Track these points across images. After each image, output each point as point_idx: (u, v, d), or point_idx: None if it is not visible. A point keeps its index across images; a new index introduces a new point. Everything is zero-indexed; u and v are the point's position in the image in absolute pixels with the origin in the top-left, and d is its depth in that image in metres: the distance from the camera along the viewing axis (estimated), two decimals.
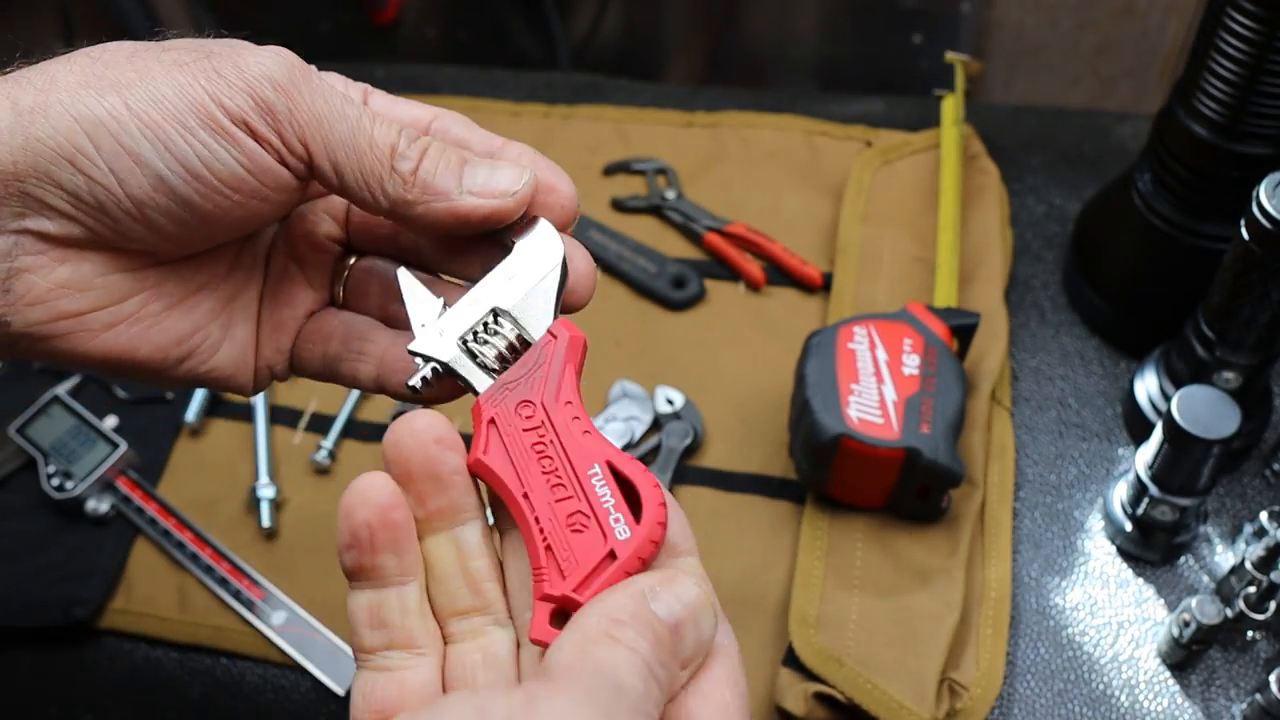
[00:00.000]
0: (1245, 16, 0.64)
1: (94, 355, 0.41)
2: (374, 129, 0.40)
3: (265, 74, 0.39)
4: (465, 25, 1.54)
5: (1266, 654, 0.69)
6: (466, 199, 0.41)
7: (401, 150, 0.40)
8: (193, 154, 0.38)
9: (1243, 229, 0.64)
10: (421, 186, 0.40)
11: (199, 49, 0.40)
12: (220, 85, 0.38)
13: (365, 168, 0.40)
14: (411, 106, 0.45)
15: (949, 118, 0.91)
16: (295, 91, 0.39)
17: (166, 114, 0.38)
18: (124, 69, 0.38)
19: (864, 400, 0.70)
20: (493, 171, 0.42)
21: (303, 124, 0.39)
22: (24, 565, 0.78)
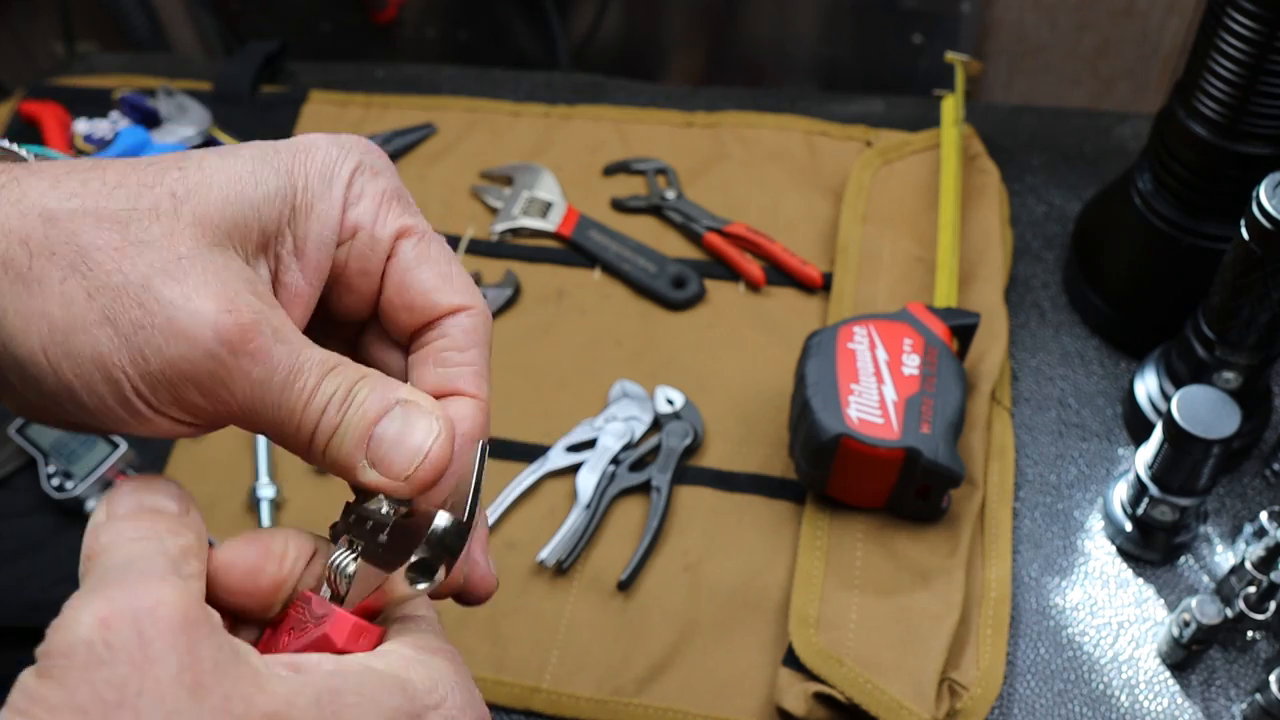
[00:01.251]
0: (1245, 16, 0.64)
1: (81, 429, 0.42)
2: (304, 414, 0.36)
3: (191, 370, 0.34)
4: (465, 25, 1.54)
5: (1266, 654, 0.69)
6: (369, 474, 0.37)
7: (323, 427, 0.37)
8: (109, 422, 0.35)
9: (1243, 229, 0.64)
10: (331, 461, 0.37)
11: (137, 293, 0.34)
12: (140, 372, 0.34)
13: (287, 441, 0.37)
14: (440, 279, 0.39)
15: (949, 118, 0.91)
16: (225, 386, 0.35)
17: (81, 381, 0.34)
18: (51, 292, 0.33)
19: (864, 400, 0.70)
20: (400, 435, 0.37)
21: (228, 413, 0.36)
22: (24, 565, 0.78)
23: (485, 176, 0.98)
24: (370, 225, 0.39)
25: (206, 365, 0.34)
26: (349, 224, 0.38)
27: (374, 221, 0.39)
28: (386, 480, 0.37)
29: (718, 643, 0.71)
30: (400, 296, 0.39)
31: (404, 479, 0.37)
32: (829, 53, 1.45)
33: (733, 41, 1.49)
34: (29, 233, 0.34)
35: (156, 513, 0.36)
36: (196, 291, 0.34)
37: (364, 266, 0.39)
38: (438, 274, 0.39)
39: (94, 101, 1.05)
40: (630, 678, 0.70)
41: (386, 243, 0.39)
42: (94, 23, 1.54)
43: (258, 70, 1.06)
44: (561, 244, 0.93)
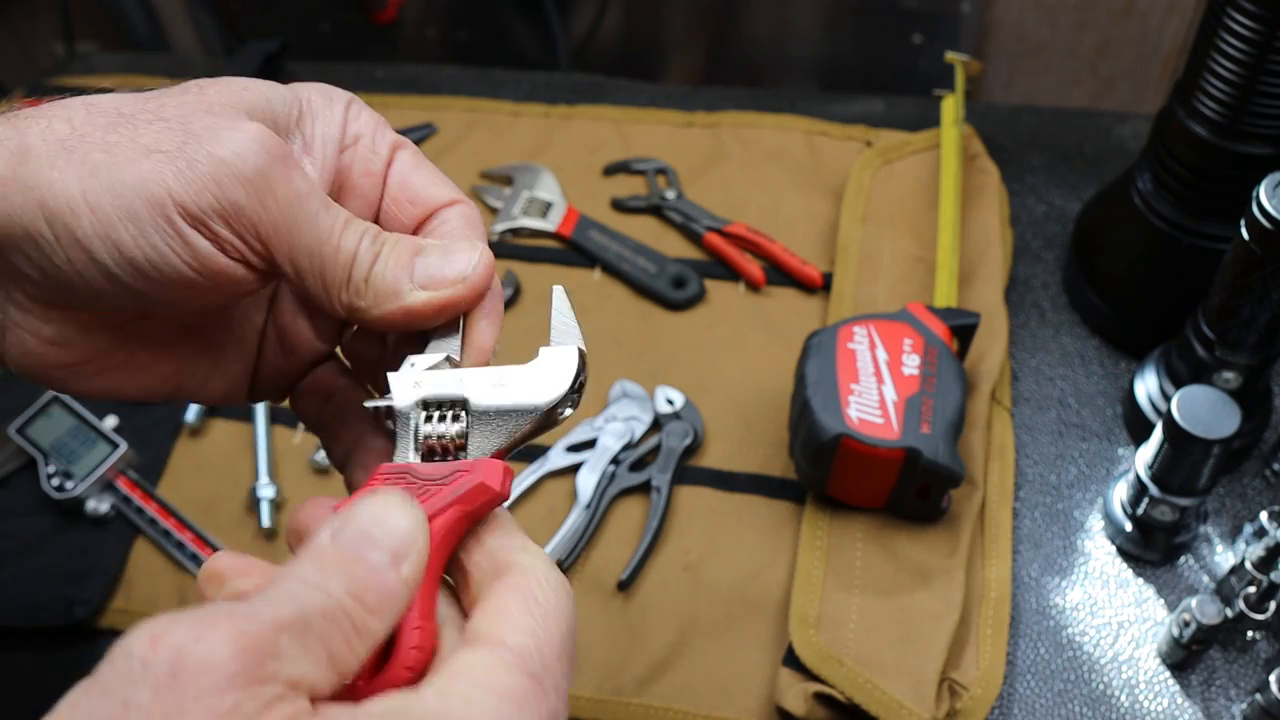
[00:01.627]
0: (1245, 16, 0.64)
1: (85, 392, 0.43)
2: (341, 237, 0.39)
3: (237, 171, 0.37)
4: (465, 25, 1.54)
5: (1266, 654, 0.69)
6: (416, 295, 0.39)
7: (360, 256, 0.39)
8: (141, 255, 0.36)
9: (1243, 229, 0.64)
10: (373, 292, 0.39)
11: (181, 126, 0.37)
12: (185, 182, 0.36)
13: (326, 276, 0.39)
14: (434, 180, 0.44)
15: (949, 118, 0.91)
16: (268, 192, 0.37)
17: (121, 209, 0.36)
18: (94, 146, 0.36)
19: (864, 400, 0.70)
20: (444, 258, 0.40)
21: (269, 227, 0.38)
22: (24, 565, 0.78)
23: (485, 176, 0.98)
24: (370, 135, 0.43)
25: (256, 162, 0.37)
26: (351, 133, 0.43)
27: (373, 133, 0.43)
28: (439, 294, 0.39)
29: (718, 643, 0.71)
30: (404, 192, 0.43)
31: (461, 281, 0.40)
32: (829, 53, 1.45)
33: (733, 41, 1.49)
34: (71, 114, 0.37)
35: (356, 558, 0.34)
36: (234, 121, 0.38)
37: (367, 168, 0.43)
38: (432, 176, 0.44)
39: None
40: (630, 678, 0.70)
41: (386, 150, 0.43)
42: (94, 23, 1.54)
43: (258, 70, 1.06)
44: (561, 244, 0.93)
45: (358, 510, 0.35)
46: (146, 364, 0.43)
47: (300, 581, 0.33)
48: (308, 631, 0.31)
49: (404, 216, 0.43)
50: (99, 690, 0.29)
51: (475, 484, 0.37)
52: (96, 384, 0.43)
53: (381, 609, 0.33)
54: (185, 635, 0.29)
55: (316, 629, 0.32)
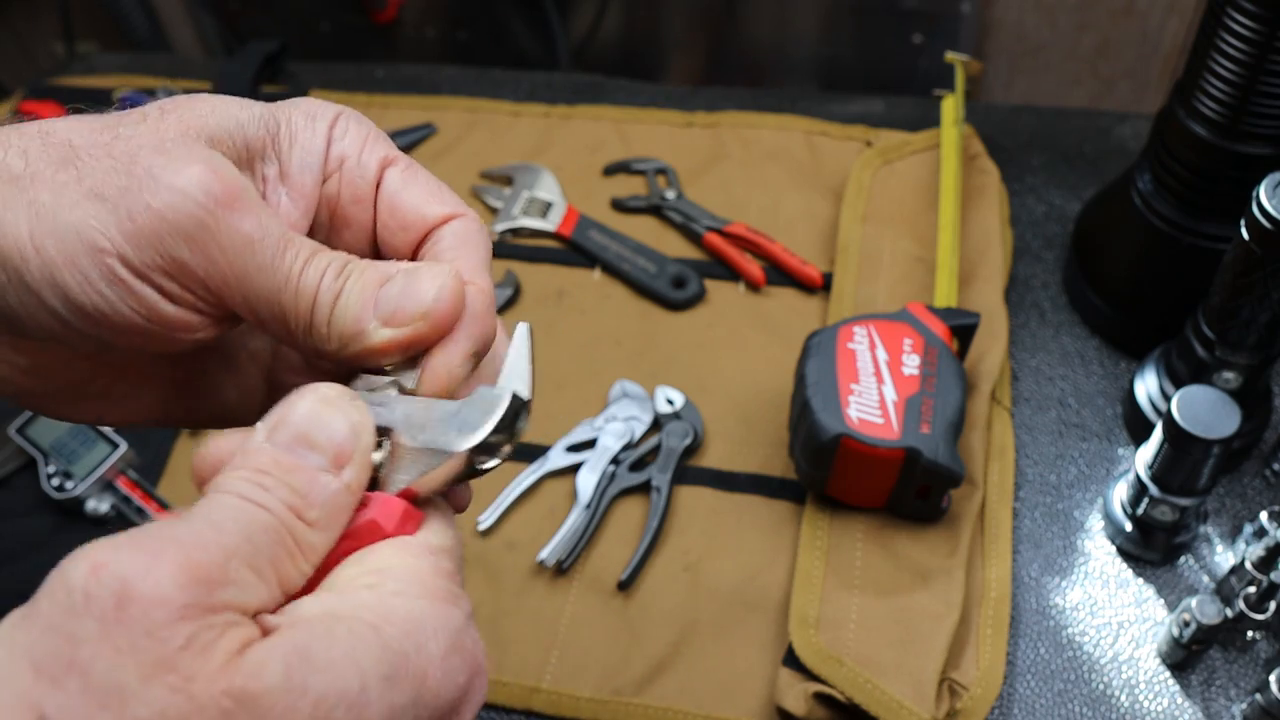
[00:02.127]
0: (1245, 16, 0.64)
1: (66, 418, 0.42)
2: (300, 279, 0.36)
3: (176, 226, 0.34)
4: (465, 25, 1.54)
5: (1266, 654, 0.69)
6: (380, 334, 0.36)
7: (321, 296, 0.36)
8: (88, 302, 0.34)
9: (1243, 229, 0.64)
10: (336, 335, 0.36)
11: (127, 167, 0.34)
12: (125, 235, 0.34)
13: (288, 322, 0.36)
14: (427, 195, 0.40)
15: (949, 118, 0.91)
16: (211, 244, 0.34)
17: (64, 256, 0.34)
18: (44, 184, 0.34)
19: (864, 400, 0.70)
20: (407, 288, 0.36)
21: (218, 280, 0.35)
22: (24, 565, 0.78)
23: (485, 176, 0.98)
24: (357, 155, 0.40)
25: (195, 215, 0.34)
26: (335, 155, 0.39)
27: (359, 152, 0.40)
28: (401, 332, 0.36)
29: (718, 643, 0.71)
30: (393, 217, 0.40)
31: (422, 316, 0.36)
32: (829, 53, 1.45)
33: (733, 41, 1.49)
34: (27, 145, 0.35)
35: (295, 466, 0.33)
36: (183, 160, 0.35)
37: (355, 194, 0.40)
38: (425, 191, 0.40)
39: (94, 101, 1.04)
40: (630, 678, 0.70)
41: (373, 170, 0.40)
42: (94, 23, 1.54)
43: (258, 70, 1.06)
44: (561, 244, 0.93)
45: (294, 409, 0.34)
46: (126, 395, 0.42)
47: (241, 497, 0.32)
48: (256, 555, 0.31)
49: (398, 243, 0.40)
50: (39, 623, 0.28)
51: (365, 520, 0.35)
52: (76, 410, 0.41)
53: (324, 521, 0.33)
54: (130, 565, 0.28)
55: (264, 551, 0.31)
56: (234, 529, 0.31)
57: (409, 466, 0.36)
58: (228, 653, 0.28)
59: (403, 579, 0.33)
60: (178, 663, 0.27)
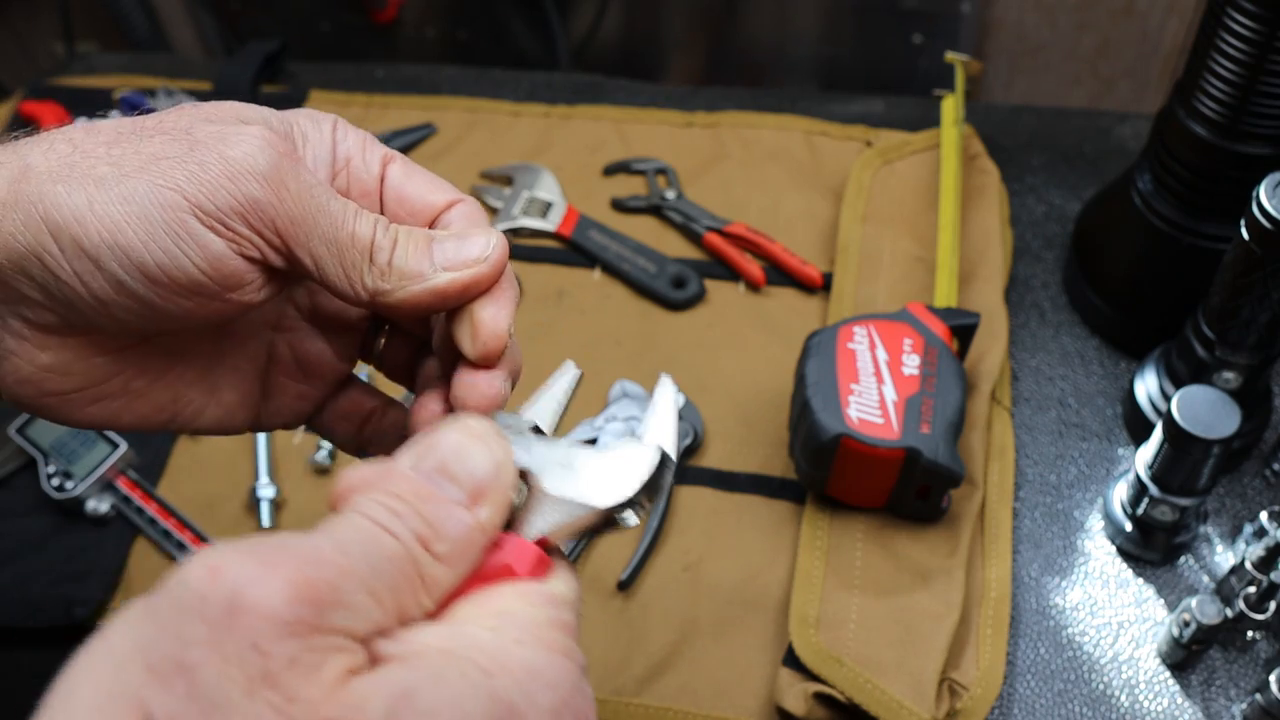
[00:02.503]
0: (1245, 16, 0.64)
1: (79, 422, 0.43)
2: (355, 224, 0.39)
3: (251, 168, 0.37)
4: (465, 25, 1.55)
5: (1266, 654, 0.69)
6: (441, 276, 0.40)
7: (378, 242, 0.40)
8: (151, 260, 0.37)
9: (1243, 229, 0.64)
10: (397, 274, 0.40)
11: (184, 135, 0.38)
12: (200, 184, 0.37)
13: (346, 262, 0.39)
14: (430, 186, 0.44)
15: (949, 118, 0.91)
16: (281, 186, 0.38)
17: (131, 215, 0.36)
18: (99, 159, 0.37)
19: (864, 400, 0.70)
20: (460, 243, 0.41)
21: (286, 220, 0.38)
22: (24, 565, 0.78)
23: (485, 176, 0.98)
24: (360, 155, 0.43)
25: (270, 157, 0.37)
26: (341, 156, 0.43)
27: (362, 152, 0.43)
28: (462, 274, 0.40)
29: (718, 643, 0.71)
30: (402, 206, 0.43)
31: (481, 260, 0.40)
32: (829, 53, 1.45)
33: (733, 41, 1.49)
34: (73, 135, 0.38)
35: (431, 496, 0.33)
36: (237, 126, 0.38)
37: (363, 189, 0.43)
38: (427, 182, 0.44)
39: (94, 101, 1.05)
40: (630, 678, 0.70)
41: (377, 166, 0.43)
42: (94, 23, 1.54)
43: (258, 70, 1.06)
44: (561, 244, 0.93)
45: (441, 439, 0.34)
46: (142, 392, 0.43)
47: (371, 520, 0.32)
48: (375, 579, 0.30)
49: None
50: (153, 617, 0.28)
51: (499, 562, 0.35)
52: (92, 413, 0.43)
53: (452, 556, 0.33)
54: (243, 573, 0.28)
55: (385, 578, 0.31)
56: (356, 551, 0.30)
57: (547, 512, 0.36)
58: (333, 679, 0.28)
59: (524, 626, 0.33)
60: (281, 680, 0.27)
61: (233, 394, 0.46)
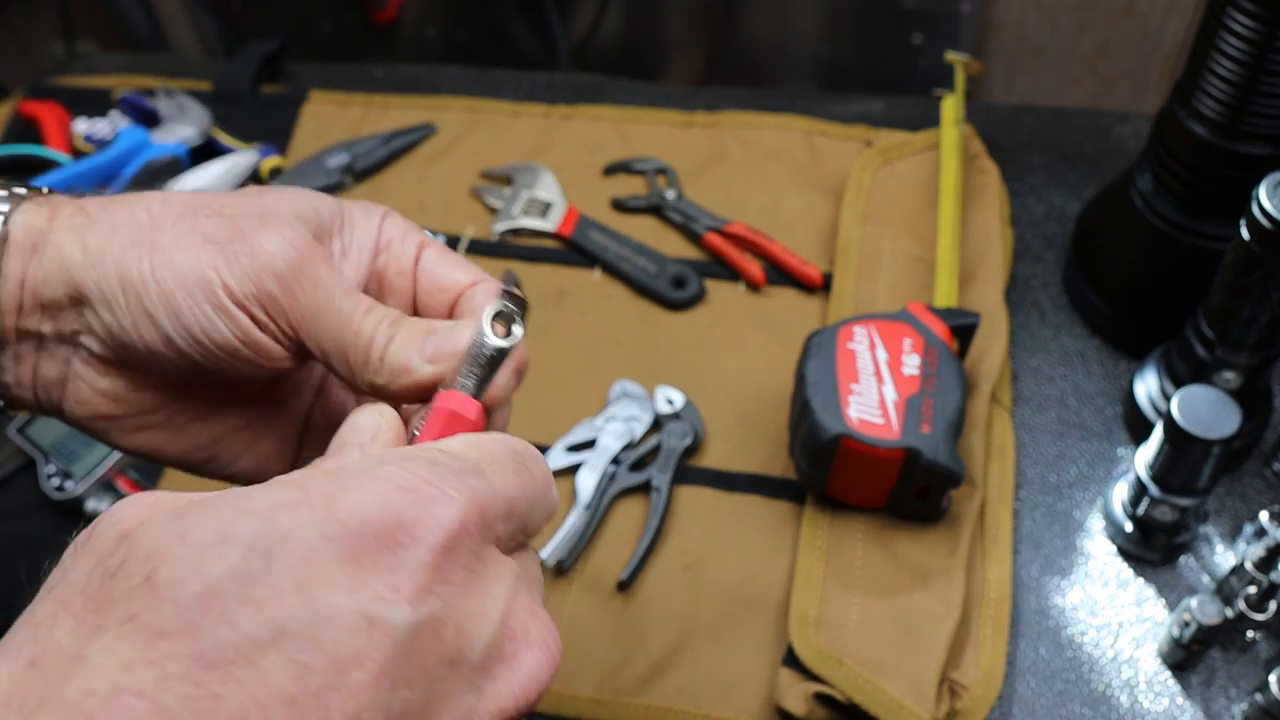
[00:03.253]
0: (1245, 16, 0.64)
1: (125, 447, 0.48)
2: (362, 323, 0.43)
3: (271, 266, 0.42)
4: (465, 25, 1.54)
5: (1266, 654, 0.69)
6: (424, 369, 0.43)
7: (377, 338, 0.43)
8: (195, 324, 0.42)
9: (1243, 229, 0.64)
10: (388, 369, 0.43)
11: (232, 223, 0.43)
12: (232, 270, 0.42)
13: (350, 358, 0.43)
14: (457, 267, 0.48)
15: (949, 118, 0.91)
16: (296, 285, 0.43)
17: (180, 285, 0.42)
18: (165, 233, 0.43)
19: (864, 400, 0.70)
20: (449, 335, 0.44)
21: (297, 315, 0.43)
22: (24, 565, 0.78)
23: (485, 176, 0.98)
24: (400, 238, 0.49)
25: (286, 259, 0.42)
26: (384, 239, 0.48)
27: (402, 237, 0.49)
28: (442, 367, 0.43)
29: (718, 643, 0.71)
30: (432, 283, 0.48)
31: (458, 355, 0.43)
32: (829, 53, 1.45)
33: (733, 41, 1.49)
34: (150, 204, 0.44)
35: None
36: (276, 227, 0.44)
37: (399, 267, 0.48)
38: (457, 265, 0.49)
39: (94, 101, 1.05)
40: (630, 678, 0.70)
41: (414, 250, 0.48)
42: (94, 23, 1.54)
43: (258, 70, 1.06)
44: (561, 244, 0.93)
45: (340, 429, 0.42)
46: (184, 427, 0.48)
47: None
48: None
49: (435, 304, 0.48)
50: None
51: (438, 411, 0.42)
52: (137, 440, 0.48)
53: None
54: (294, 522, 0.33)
55: None
56: None
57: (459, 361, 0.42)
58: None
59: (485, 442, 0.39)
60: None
61: (270, 447, 0.50)
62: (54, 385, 0.46)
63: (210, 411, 0.49)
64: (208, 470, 0.50)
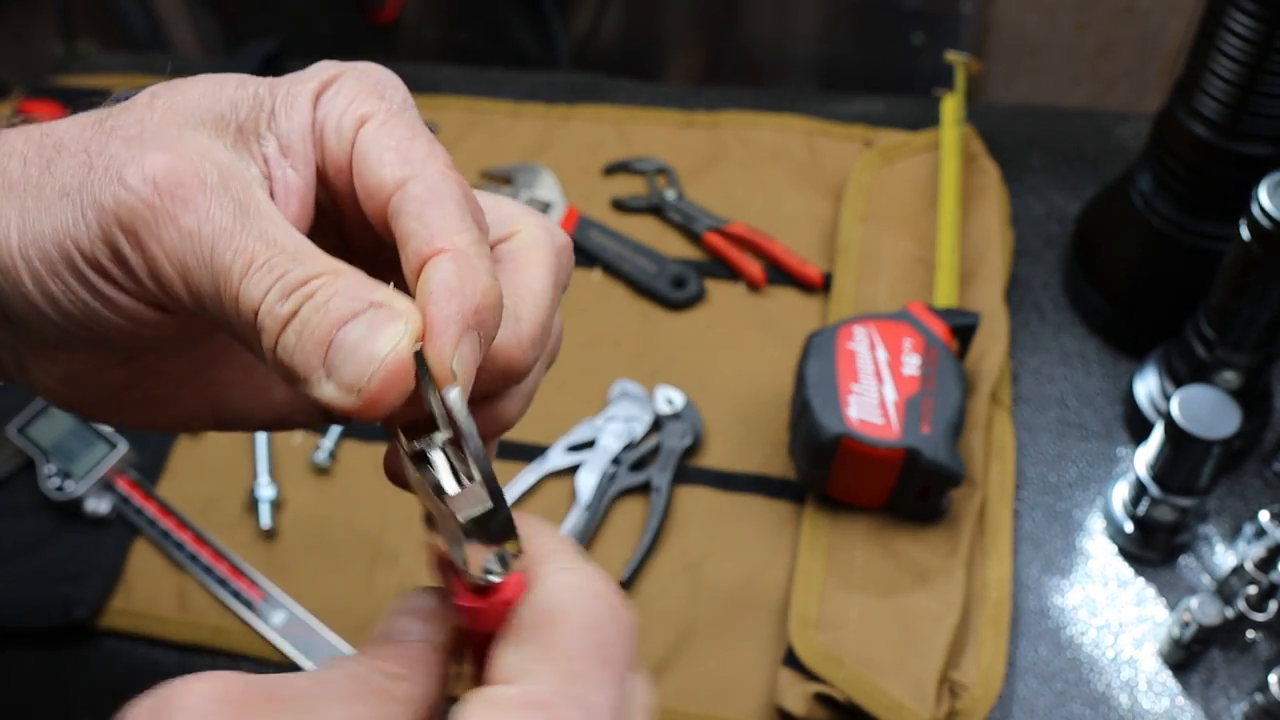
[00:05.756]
0: (1245, 16, 0.64)
1: (118, 424, 0.42)
2: (240, 285, 0.30)
3: (121, 205, 0.31)
4: (465, 25, 1.54)
5: (1266, 654, 0.69)
6: (324, 388, 0.30)
7: (262, 318, 0.30)
8: (69, 305, 0.33)
9: (1243, 229, 0.64)
10: (282, 369, 0.31)
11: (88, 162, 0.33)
12: (78, 227, 0.32)
13: (235, 328, 0.32)
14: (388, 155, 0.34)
15: (949, 118, 0.91)
16: (150, 236, 0.31)
17: (45, 262, 0.33)
18: (31, 186, 0.33)
19: (864, 400, 0.70)
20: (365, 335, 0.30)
21: (161, 273, 0.32)
22: (24, 565, 0.78)
23: (485, 176, 0.98)
24: (337, 117, 0.34)
25: (133, 206, 0.31)
26: (318, 121, 0.35)
27: (341, 113, 0.35)
28: (344, 397, 0.30)
29: (718, 643, 0.71)
30: (361, 186, 0.34)
31: (355, 392, 0.30)
32: (829, 53, 1.45)
33: (733, 41, 1.49)
34: (26, 149, 0.34)
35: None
36: (146, 148, 0.32)
37: (336, 163, 0.34)
38: (391, 149, 0.34)
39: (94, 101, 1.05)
40: None
41: (349, 131, 0.34)
42: (94, 22, 1.54)
43: (257, 70, 1.06)
44: None
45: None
46: (171, 398, 0.40)
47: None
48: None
49: (373, 218, 0.34)
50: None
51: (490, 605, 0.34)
52: (126, 417, 0.40)
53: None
54: (179, 684, 0.29)
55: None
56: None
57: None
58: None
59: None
60: None
61: (283, 392, 0.41)
62: (17, 371, 0.38)
63: (194, 374, 0.40)
64: (224, 429, 0.41)
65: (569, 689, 0.30)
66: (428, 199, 0.32)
